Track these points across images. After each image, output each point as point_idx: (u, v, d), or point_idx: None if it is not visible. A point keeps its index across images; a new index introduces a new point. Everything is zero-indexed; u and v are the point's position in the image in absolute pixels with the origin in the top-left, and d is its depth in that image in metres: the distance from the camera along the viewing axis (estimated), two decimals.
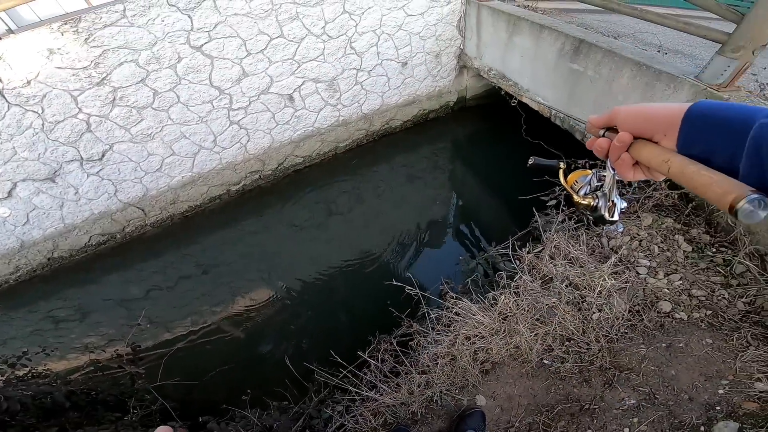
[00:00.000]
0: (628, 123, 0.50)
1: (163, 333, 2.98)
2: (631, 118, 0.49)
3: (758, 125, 0.36)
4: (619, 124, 0.51)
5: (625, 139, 0.49)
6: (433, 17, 3.87)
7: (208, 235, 3.77)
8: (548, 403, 1.71)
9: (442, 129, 4.81)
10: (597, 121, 0.57)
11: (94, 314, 3.24)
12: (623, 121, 0.51)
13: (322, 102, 3.90)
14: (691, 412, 1.55)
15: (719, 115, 0.41)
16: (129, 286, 3.40)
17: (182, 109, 3.24)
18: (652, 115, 0.47)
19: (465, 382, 1.83)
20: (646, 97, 2.36)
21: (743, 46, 1.92)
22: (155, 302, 3.24)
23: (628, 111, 0.50)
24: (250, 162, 3.92)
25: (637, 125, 0.49)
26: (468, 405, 1.73)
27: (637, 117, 0.49)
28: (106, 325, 3.12)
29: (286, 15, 3.18)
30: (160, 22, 2.75)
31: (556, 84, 3.11)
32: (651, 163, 0.46)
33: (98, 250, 3.65)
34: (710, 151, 0.41)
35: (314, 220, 3.79)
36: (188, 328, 2.98)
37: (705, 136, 0.41)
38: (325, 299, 3.12)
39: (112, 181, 3.33)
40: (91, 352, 2.85)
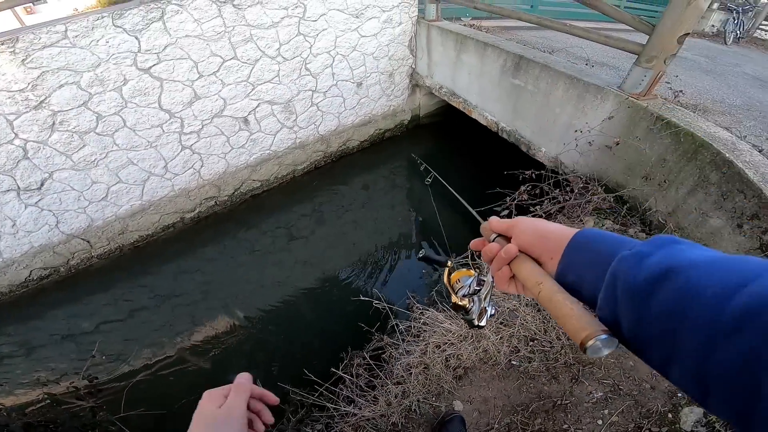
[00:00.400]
0: (523, 237, 0.49)
1: (120, 365, 2.80)
2: (528, 234, 0.49)
3: (617, 259, 0.37)
4: (515, 236, 0.51)
5: (512, 252, 0.49)
6: (386, 38, 4.01)
7: (163, 265, 3.55)
8: (522, 402, 1.73)
9: (398, 148, 4.92)
10: (496, 226, 0.55)
11: (41, 349, 2.98)
12: (519, 233, 0.50)
13: (278, 124, 3.86)
14: (656, 400, 1.62)
15: (593, 246, 0.42)
16: (78, 321, 3.15)
17: (129, 133, 3.07)
18: (547, 236, 0.47)
19: (440, 389, 1.82)
20: (578, 108, 2.55)
21: (656, 56, 2.12)
22: (109, 335, 3.02)
23: (526, 225, 0.50)
24: (204, 188, 3.76)
25: (530, 241, 0.48)
26: (446, 411, 1.73)
27: (534, 234, 0.49)
28: (57, 360, 2.89)
29: (239, 37, 3.15)
30: (104, 43, 2.63)
31: (501, 99, 3.29)
32: (526, 282, 0.46)
33: (41, 284, 3.34)
34: (580, 281, 0.42)
35: (275, 245, 3.69)
36: (148, 359, 2.82)
37: (578, 266, 0.42)
38: (294, 322, 3.03)
39: (53, 212, 3.07)
40: (44, 385, 2.65)
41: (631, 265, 0.35)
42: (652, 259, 0.34)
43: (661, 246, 0.35)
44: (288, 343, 2.88)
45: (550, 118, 2.80)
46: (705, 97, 3.03)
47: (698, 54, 4.92)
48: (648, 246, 0.36)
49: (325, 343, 2.86)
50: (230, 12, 3.01)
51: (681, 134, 2.06)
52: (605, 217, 2.19)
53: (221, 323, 3.03)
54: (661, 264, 0.33)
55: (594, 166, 2.55)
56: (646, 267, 0.34)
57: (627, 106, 2.26)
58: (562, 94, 2.64)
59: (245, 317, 3.06)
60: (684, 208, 2.08)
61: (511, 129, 3.27)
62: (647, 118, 2.19)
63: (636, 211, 2.26)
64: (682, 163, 2.07)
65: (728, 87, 3.50)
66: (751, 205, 1.81)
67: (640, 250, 0.36)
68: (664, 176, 2.14)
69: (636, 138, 2.23)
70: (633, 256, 0.36)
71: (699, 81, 3.52)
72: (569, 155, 2.68)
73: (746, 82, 3.84)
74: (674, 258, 0.33)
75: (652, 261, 0.34)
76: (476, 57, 3.40)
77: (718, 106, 2.86)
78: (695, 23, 2.04)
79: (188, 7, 2.83)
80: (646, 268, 0.34)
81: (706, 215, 1.98)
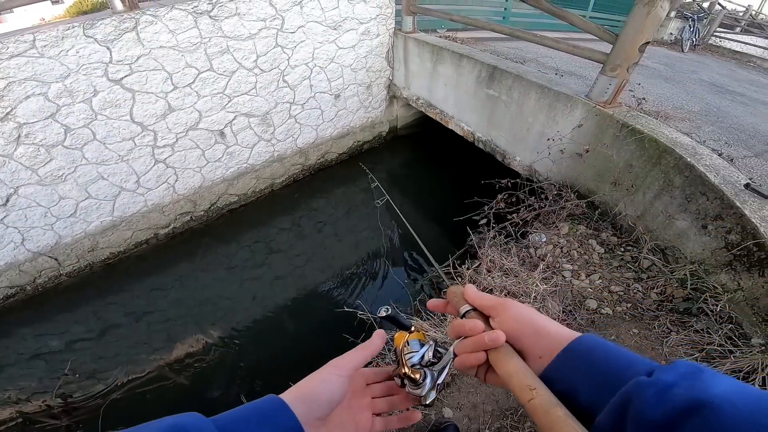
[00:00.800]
0: (513, 325, 0.44)
1: (95, 383, 2.69)
2: (521, 324, 0.43)
3: (633, 383, 0.33)
4: (501, 320, 0.45)
5: (499, 342, 0.42)
6: (364, 49, 4.04)
7: (136, 282, 3.40)
8: (511, 407, 1.73)
9: (376, 159, 4.93)
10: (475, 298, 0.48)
11: (10, 368, 2.83)
12: (508, 319, 0.44)
13: (255, 137, 3.79)
14: None
15: (597, 356, 0.38)
16: (48, 339, 3.00)
17: (99, 147, 2.95)
18: (541, 332, 0.42)
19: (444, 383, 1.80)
20: (550, 116, 2.63)
21: (619, 64, 2.22)
22: (81, 353, 2.89)
23: (520, 312, 0.44)
24: (179, 203, 3.64)
25: (521, 332, 0.43)
26: (438, 419, 1.71)
27: (528, 325, 0.43)
28: (28, 379, 2.73)
29: (216, 48, 3.10)
30: (74, 53, 2.54)
31: (476, 109, 3.36)
32: (513, 382, 0.39)
33: (6, 303, 3.16)
34: (573, 392, 0.38)
35: (255, 259, 3.60)
36: (125, 377, 2.72)
37: (574, 375, 0.38)
38: (276, 336, 2.96)
39: (19, 229, 2.91)
40: (15, 403, 2.52)
41: (650, 393, 0.31)
42: (676, 390, 0.30)
43: (685, 375, 0.32)
44: (271, 357, 2.81)
45: (524, 127, 2.88)
46: (666, 104, 3.18)
47: (658, 62, 5.19)
48: (670, 374, 0.32)
49: (309, 356, 2.79)
50: (207, 23, 2.96)
51: (645, 140, 2.15)
52: (578, 222, 2.26)
53: (200, 339, 2.92)
54: (688, 396, 0.29)
55: (566, 174, 2.62)
56: (668, 398, 0.30)
57: (595, 114, 2.35)
58: (535, 103, 2.72)
59: (225, 333, 2.97)
60: (651, 212, 2.16)
61: (486, 139, 3.34)
62: (614, 125, 2.28)
63: (607, 216, 2.33)
64: (647, 169, 2.16)
65: (687, 93, 3.70)
66: (714, 207, 1.90)
67: (662, 378, 0.32)
68: (631, 181, 2.22)
69: (604, 145, 2.32)
70: (653, 384, 0.32)
71: (660, 88, 3.70)
72: (543, 163, 2.75)
73: (703, 88, 4.08)
74: (704, 390, 0.29)
75: (677, 393, 0.30)
76: (452, 68, 3.47)
77: (678, 112, 3.01)
78: (655, 32, 2.14)
79: (163, 18, 2.77)
80: (668, 400, 0.30)
81: (672, 218, 2.06)
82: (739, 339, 1.68)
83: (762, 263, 1.69)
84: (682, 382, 0.31)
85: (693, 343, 1.78)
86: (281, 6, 3.26)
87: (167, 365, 2.78)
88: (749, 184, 1.88)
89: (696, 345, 1.76)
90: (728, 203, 1.84)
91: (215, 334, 2.96)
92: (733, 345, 1.67)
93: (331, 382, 0.46)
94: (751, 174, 2.27)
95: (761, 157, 2.48)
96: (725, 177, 1.96)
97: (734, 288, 1.79)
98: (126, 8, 2.80)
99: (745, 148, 2.59)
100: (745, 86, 4.63)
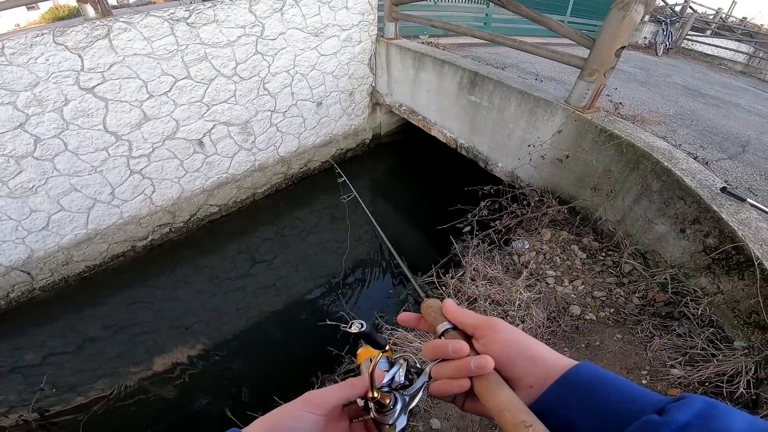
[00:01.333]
0: (502, 349, 0.38)
1: (74, 397, 2.60)
2: (511, 348, 0.38)
3: (644, 422, 0.31)
4: (488, 342, 0.39)
5: (487, 369, 0.37)
6: (346, 56, 3.99)
7: (114, 295, 3.27)
8: None
9: (360, 167, 4.87)
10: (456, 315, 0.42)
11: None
12: (497, 341, 0.39)
13: (235, 146, 3.69)
14: None
15: (599, 388, 0.35)
16: (23, 353, 2.89)
17: (71, 158, 2.83)
18: (535, 359, 0.38)
19: (416, 408, 1.75)
20: (530, 122, 2.62)
21: (597, 69, 2.21)
22: (59, 367, 2.79)
23: (510, 336, 0.39)
24: (157, 215, 3.51)
25: (511, 358, 0.38)
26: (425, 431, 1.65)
27: (519, 351, 0.38)
28: (3, 393, 2.64)
29: (193, 56, 3.00)
30: (44, 61, 2.43)
31: (459, 116, 3.34)
32: (504, 417, 0.34)
33: None
34: (573, 422, 0.34)
35: (238, 270, 3.50)
36: (105, 390, 2.64)
37: (573, 405, 0.35)
38: (261, 348, 2.89)
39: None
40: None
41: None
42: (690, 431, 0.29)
43: (700, 415, 0.30)
44: (256, 370, 2.74)
45: (505, 133, 2.87)
46: (642, 107, 3.22)
47: (634, 66, 5.29)
48: (684, 413, 0.30)
49: (294, 368, 2.74)
50: (183, 30, 2.87)
51: (623, 145, 2.15)
52: (561, 228, 2.24)
53: (182, 352, 2.84)
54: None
55: (548, 179, 2.62)
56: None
57: (574, 120, 2.35)
58: (515, 109, 2.71)
59: (208, 345, 2.88)
60: (631, 216, 2.16)
61: (469, 145, 3.32)
62: (592, 130, 2.28)
63: (588, 221, 2.32)
64: (626, 173, 2.16)
65: (662, 97, 3.76)
66: (692, 211, 1.90)
67: (676, 418, 0.30)
68: (610, 186, 2.22)
69: (583, 150, 2.31)
70: (667, 425, 0.29)
71: (636, 92, 3.75)
72: (524, 169, 2.74)
73: (677, 92, 4.16)
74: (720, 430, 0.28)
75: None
76: (434, 74, 3.44)
77: (654, 115, 3.04)
78: (630, 36, 2.15)
79: (137, 25, 2.68)
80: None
81: (651, 222, 2.06)
82: (722, 342, 1.67)
83: (741, 266, 1.69)
84: (696, 422, 0.29)
85: (676, 347, 1.76)
86: (261, 13, 3.18)
87: (149, 378, 2.69)
88: (725, 187, 1.89)
89: (679, 349, 1.75)
90: (705, 207, 1.84)
91: (198, 347, 2.87)
92: (715, 348, 1.66)
93: (301, 420, 0.38)
94: (727, 176, 2.29)
95: (735, 159, 2.52)
96: (701, 181, 1.96)
97: (714, 291, 1.78)
98: (98, 15, 2.70)
99: (720, 150, 2.62)
100: (717, 89, 4.75)
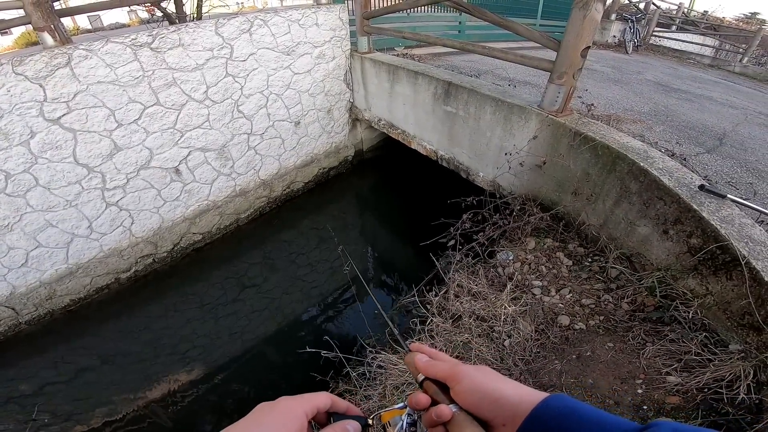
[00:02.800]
0: (468, 398, 0.39)
1: (71, 426, 2.52)
2: (475, 396, 0.39)
3: None
4: (456, 392, 0.40)
5: (444, 417, 0.39)
6: (320, 73, 3.89)
7: (102, 326, 3.16)
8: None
9: (344, 185, 4.76)
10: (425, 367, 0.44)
11: None
12: (462, 392, 0.40)
13: (213, 172, 3.54)
14: (623, 416, 1.51)
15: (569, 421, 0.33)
16: (15, 384, 2.81)
17: (43, 192, 2.69)
18: (500, 400, 0.38)
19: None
20: (506, 129, 2.53)
21: (565, 71, 2.13)
22: (52, 397, 2.71)
23: (473, 384, 0.39)
24: (138, 246, 3.35)
25: (479, 404, 0.39)
26: None
27: (484, 397, 0.38)
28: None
29: (161, 81, 2.88)
30: (5, 92, 2.31)
31: (436, 127, 3.24)
32: None
33: None
34: None
35: (227, 296, 3.37)
36: (101, 418, 2.55)
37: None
38: (250, 374, 2.79)
39: None
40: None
41: None
42: None
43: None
44: (254, 393, 2.67)
45: (483, 142, 2.77)
46: (616, 106, 3.17)
47: (605, 65, 5.29)
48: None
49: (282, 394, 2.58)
50: (148, 55, 2.75)
51: (598, 148, 2.07)
52: (545, 236, 2.14)
53: (177, 379, 2.74)
54: None
55: (528, 186, 2.52)
56: None
57: (548, 125, 2.26)
58: (491, 117, 2.62)
59: (203, 370, 2.79)
60: (613, 219, 2.06)
61: (449, 156, 3.22)
62: (567, 134, 2.20)
63: (572, 227, 2.22)
64: (603, 176, 2.07)
65: (635, 95, 3.72)
66: (672, 211, 1.81)
67: None
68: (590, 190, 2.13)
69: (560, 155, 2.22)
70: None
71: (609, 92, 3.71)
72: (505, 178, 2.65)
73: (650, 88, 4.13)
74: None
75: None
76: (409, 86, 3.36)
77: (629, 114, 2.99)
78: (594, 35, 2.08)
79: (98, 52, 2.56)
80: None
81: (633, 224, 1.97)
82: (716, 346, 1.57)
83: (727, 266, 1.60)
84: None
85: (670, 353, 1.66)
86: (228, 34, 3.08)
87: (144, 406, 2.60)
88: (704, 185, 1.81)
89: (673, 355, 1.65)
90: (685, 206, 1.75)
91: (192, 373, 2.79)
92: (710, 353, 1.55)
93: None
94: (706, 171, 2.22)
95: (714, 153, 2.46)
96: (679, 179, 1.88)
97: (703, 293, 1.69)
98: (57, 43, 2.59)
99: (696, 144, 2.56)
100: (688, 83, 4.75)
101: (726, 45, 9.19)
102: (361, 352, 2.20)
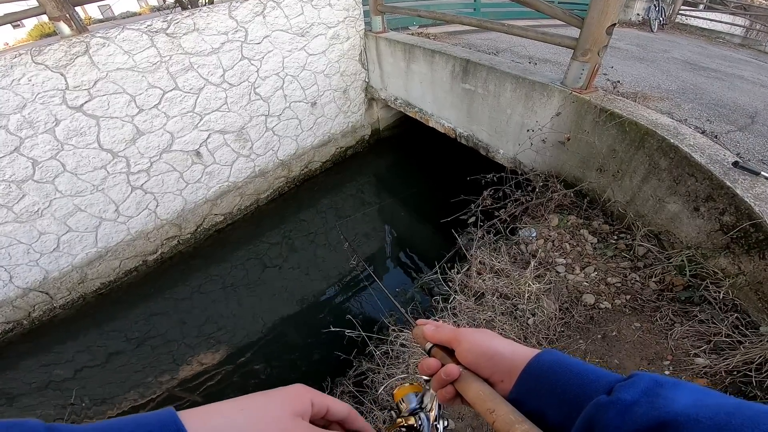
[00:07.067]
0: (468, 357, 0.43)
1: (107, 409, 2.61)
2: (473, 354, 0.42)
3: (593, 404, 0.31)
4: (458, 352, 0.44)
5: (452, 375, 0.42)
6: (335, 54, 3.82)
7: (132, 309, 3.25)
8: None
9: (361, 164, 4.71)
10: (432, 335, 0.47)
11: (22, 398, 2.74)
12: (463, 351, 0.43)
13: (233, 154, 3.56)
14: None
15: (556, 375, 0.36)
16: (52, 369, 2.91)
17: (71, 178, 2.76)
18: (495, 357, 0.41)
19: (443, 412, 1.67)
20: (527, 107, 2.45)
21: (589, 48, 2.04)
22: (88, 381, 2.79)
23: (471, 344, 0.43)
24: (164, 228, 3.42)
25: (477, 362, 0.42)
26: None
27: (480, 355, 0.42)
28: (41, 407, 2.64)
29: (178, 66, 2.88)
30: (27, 82, 2.34)
31: (455, 105, 3.17)
32: (475, 407, 0.39)
33: (6, 338, 3.01)
34: (542, 410, 0.36)
35: (249, 277, 3.42)
36: (135, 400, 2.64)
37: (539, 395, 0.36)
38: (274, 354, 2.84)
39: (4, 267, 2.76)
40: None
41: (611, 416, 0.29)
42: (638, 410, 0.28)
43: (646, 392, 0.29)
44: (279, 373, 2.71)
45: (503, 119, 2.70)
46: (642, 84, 3.02)
47: (630, 43, 5.02)
48: (630, 392, 0.30)
49: (307, 374, 2.69)
50: (164, 41, 2.74)
51: (625, 124, 1.99)
52: (568, 213, 2.09)
53: (206, 359, 2.83)
54: (650, 416, 0.28)
55: (551, 163, 2.45)
56: (631, 420, 0.28)
57: (572, 102, 2.18)
58: (511, 94, 2.54)
59: (230, 350, 2.87)
60: (641, 196, 2.00)
61: (468, 134, 3.15)
62: (592, 111, 2.11)
63: (597, 204, 2.16)
64: (631, 152, 2.00)
65: (662, 73, 3.54)
66: (704, 188, 1.74)
67: (622, 397, 0.30)
68: (616, 167, 2.06)
69: (585, 132, 2.15)
70: (613, 405, 0.29)
71: (634, 69, 3.53)
72: (526, 155, 2.58)
73: (677, 66, 3.92)
74: (666, 408, 0.27)
75: (638, 412, 0.28)
76: (426, 65, 3.27)
77: (656, 92, 2.84)
78: (619, 13, 1.97)
79: (115, 39, 2.56)
80: (630, 421, 0.28)
81: (662, 201, 1.90)
82: (747, 328, 1.53)
83: (761, 245, 1.54)
84: (643, 399, 0.29)
85: (699, 335, 1.62)
86: (242, 18, 3.03)
87: (176, 386, 2.67)
88: (737, 162, 1.72)
89: (702, 336, 1.61)
90: (718, 183, 1.68)
91: (221, 353, 2.87)
92: (741, 335, 1.51)
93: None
94: (738, 149, 2.12)
95: (746, 131, 2.33)
96: (711, 156, 1.80)
97: (735, 273, 1.63)
98: (74, 32, 2.59)
99: (728, 122, 2.44)
100: (718, 62, 4.49)
101: (757, 25, 8.61)
102: (383, 330, 2.21)
